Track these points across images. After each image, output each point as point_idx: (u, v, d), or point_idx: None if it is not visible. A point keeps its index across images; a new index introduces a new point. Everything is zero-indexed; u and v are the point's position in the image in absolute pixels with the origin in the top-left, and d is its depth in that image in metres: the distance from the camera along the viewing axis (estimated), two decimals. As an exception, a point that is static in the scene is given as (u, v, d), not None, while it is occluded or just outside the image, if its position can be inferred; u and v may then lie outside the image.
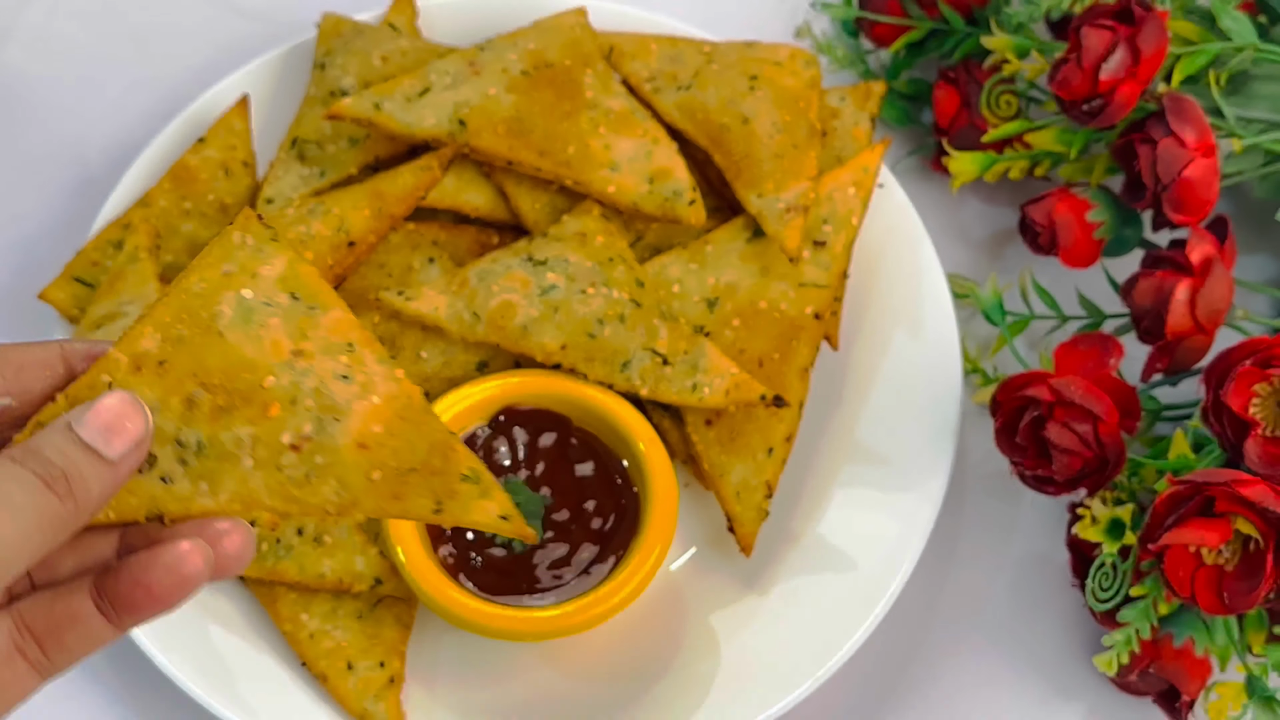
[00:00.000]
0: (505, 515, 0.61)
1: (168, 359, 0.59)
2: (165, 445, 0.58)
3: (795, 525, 0.91)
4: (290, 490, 0.59)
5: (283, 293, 0.60)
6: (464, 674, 0.88)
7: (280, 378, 0.59)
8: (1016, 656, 0.92)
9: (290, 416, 0.59)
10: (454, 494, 0.61)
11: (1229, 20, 0.91)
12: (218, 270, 0.60)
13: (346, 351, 0.61)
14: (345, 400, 0.59)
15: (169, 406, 0.58)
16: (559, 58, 0.95)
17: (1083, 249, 0.92)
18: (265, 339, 0.59)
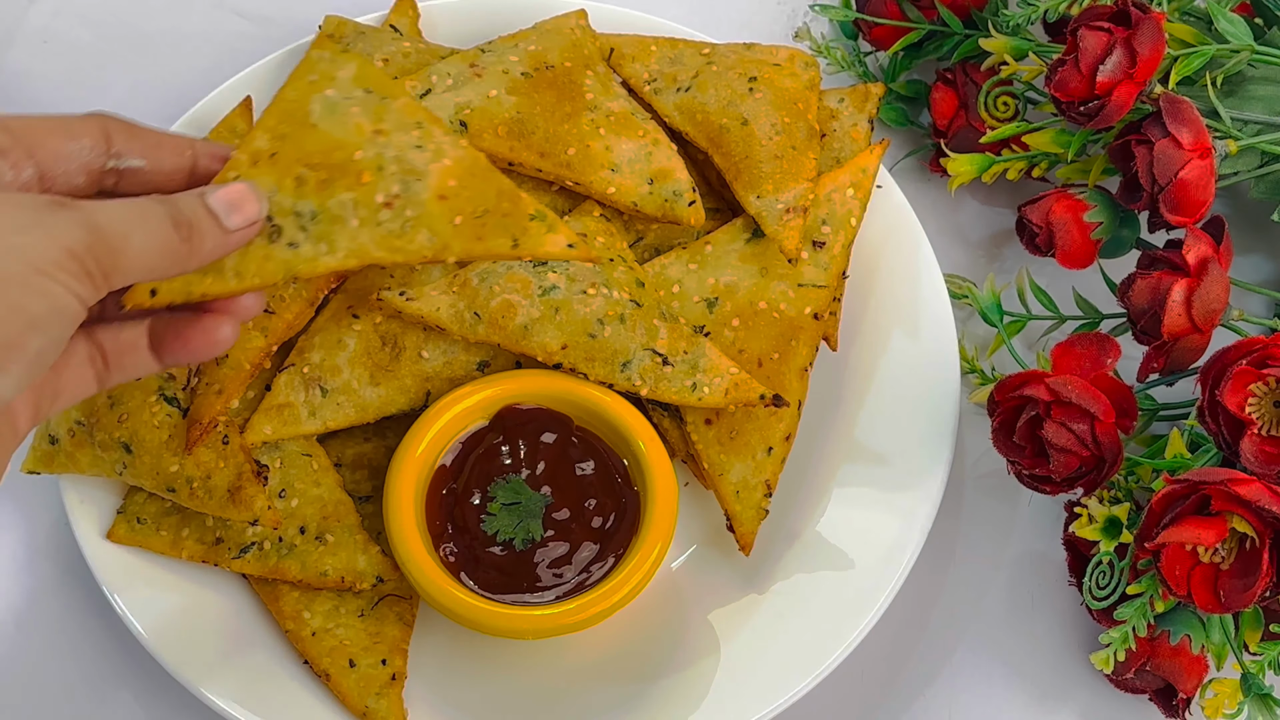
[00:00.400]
0: (572, 243, 0.75)
1: (277, 151, 0.73)
2: (286, 216, 0.72)
3: (794, 524, 0.92)
4: (392, 241, 0.72)
5: (358, 89, 0.74)
6: (465, 672, 0.88)
7: (367, 151, 0.73)
8: (1014, 654, 0.92)
9: (380, 180, 0.72)
10: (525, 231, 0.74)
11: (1225, 22, 0.92)
12: (305, 80, 0.75)
13: (417, 128, 0.74)
14: (422, 164, 0.73)
15: (284, 187, 0.72)
16: (560, 59, 0.95)
17: (1080, 249, 0.92)
18: (350, 123, 0.74)
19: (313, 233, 0.72)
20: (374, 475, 0.91)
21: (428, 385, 0.89)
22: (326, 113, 0.74)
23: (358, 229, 0.72)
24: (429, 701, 0.87)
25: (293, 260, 0.72)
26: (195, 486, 0.85)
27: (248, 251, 0.72)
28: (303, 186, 0.72)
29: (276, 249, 0.72)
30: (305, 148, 0.73)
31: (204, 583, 0.88)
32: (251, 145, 0.74)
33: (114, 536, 0.88)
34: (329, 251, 0.72)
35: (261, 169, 0.73)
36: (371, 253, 0.72)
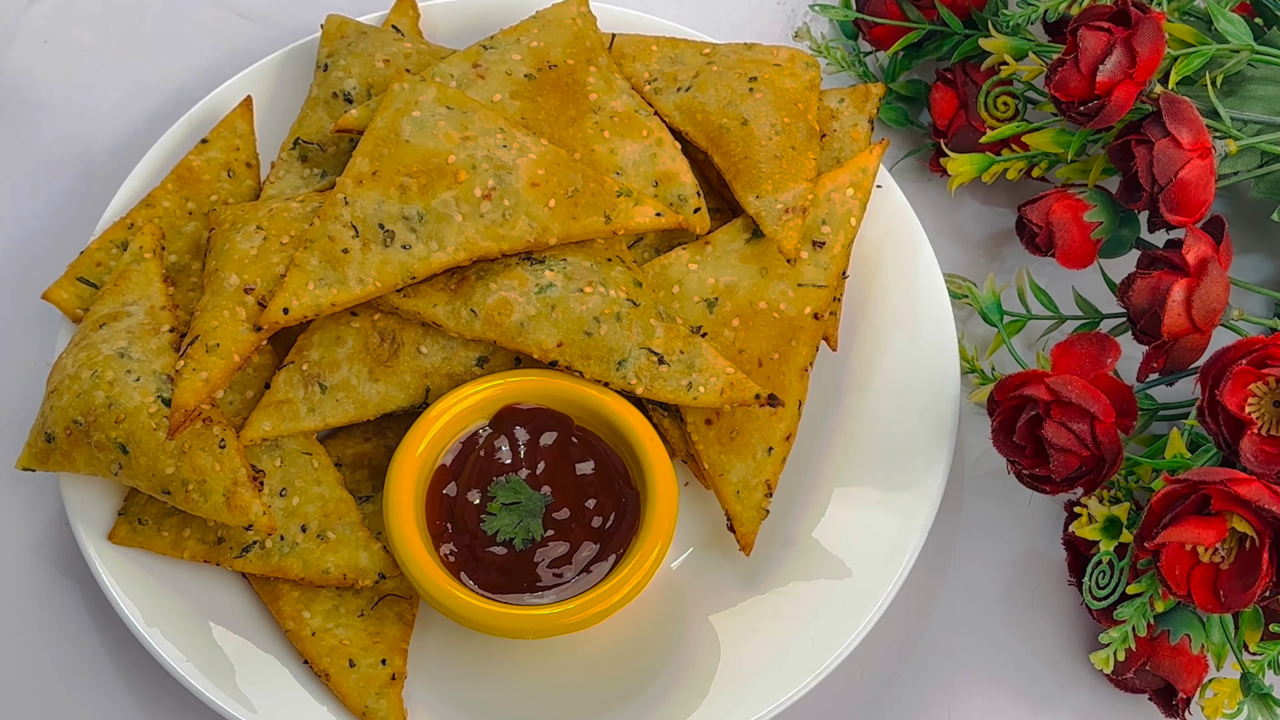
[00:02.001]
0: (660, 212, 0.88)
1: (378, 169, 0.85)
2: (396, 222, 0.83)
3: (794, 523, 0.91)
4: (496, 230, 0.83)
5: (440, 107, 0.86)
6: (465, 671, 0.88)
7: (458, 155, 0.84)
8: (1014, 653, 0.92)
9: (475, 177, 0.83)
10: (615, 206, 0.86)
11: (1225, 22, 0.92)
12: (391, 110, 0.87)
13: (500, 131, 0.85)
14: (510, 159, 0.84)
15: (390, 196, 0.84)
16: (562, 57, 0.95)
17: (1080, 249, 0.92)
18: (439, 135, 0.85)
19: (423, 233, 0.83)
20: (374, 475, 0.91)
21: (427, 381, 0.89)
22: (416, 130, 0.85)
23: (463, 223, 0.83)
24: (429, 701, 0.87)
25: (408, 260, 0.83)
26: (190, 490, 0.85)
27: (367, 259, 0.83)
28: (406, 193, 0.84)
29: (393, 252, 0.83)
30: (403, 160, 0.84)
31: (204, 582, 0.88)
32: (354, 169, 0.85)
33: (116, 538, 0.88)
34: (440, 248, 0.83)
35: (366, 187, 0.85)
36: (479, 244, 0.83)
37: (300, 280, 0.84)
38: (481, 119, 0.85)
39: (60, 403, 0.86)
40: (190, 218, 0.95)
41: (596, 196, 0.83)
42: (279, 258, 0.87)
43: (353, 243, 0.84)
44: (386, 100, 0.85)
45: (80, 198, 1.03)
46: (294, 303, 0.84)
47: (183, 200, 0.96)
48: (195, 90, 1.01)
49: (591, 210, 0.83)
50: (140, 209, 0.95)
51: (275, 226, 0.89)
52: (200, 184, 0.96)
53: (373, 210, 0.84)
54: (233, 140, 0.97)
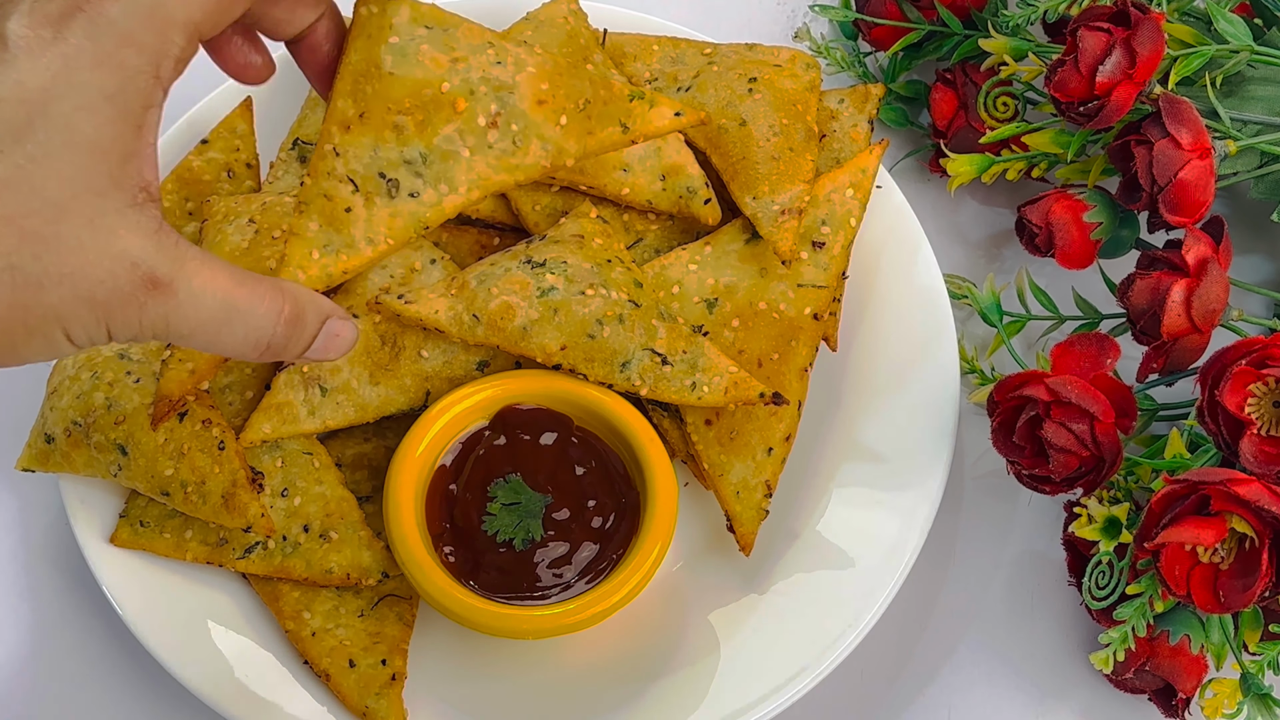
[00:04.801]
0: (679, 111, 0.77)
1: (365, 109, 0.72)
2: (398, 168, 0.72)
3: (794, 524, 0.92)
4: (508, 160, 0.73)
5: (419, 27, 0.72)
6: (465, 672, 0.88)
7: (452, 80, 0.72)
8: (1013, 654, 0.92)
9: (476, 103, 0.72)
10: (630, 113, 0.76)
11: (1224, 23, 0.92)
12: (364, 39, 0.73)
13: (489, 47, 0.73)
14: (509, 77, 0.73)
15: (385, 139, 0.72)
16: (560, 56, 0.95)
17: (1079, 250, 0.92)
18: (425, 61, 0.72)
19: (429, 175, 0.72)
20: (374, 475, 0.91)
21: (427, 385, 0.89)
22: (399, 58, 0.72)
23: (471, 158, 0.72)
24: (429, 702, 0.87)
25: (419, 210, 0.73)
26: (189, 491, 0.85)
27: (373, 215, 0.72)
28: (403, 134, 0.72)
29: (400, 203, 0.72)
30: (392, 95, 0.72)
31: (204, 582, 0.88)
32: (336, 115, 0.72)
33: (117, 540, 0.88)
34: (451, 190, 0.73)
35: (355, 133, 0.72)
36: (493, 178, 0.73)
37: (303, 250, 0.74)
38: (466, 34, 0.73)
39: (60, 404, 0.87)
40: (190, 218, 0.95)
41: (609, 104, 0.74)
42: (270, 251, 0.87)
43: (354, 198, 0.73)
44: (355, 28, 0.73)
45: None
46: (300, 276, 0.75)
47: (183, 201, 0.96)
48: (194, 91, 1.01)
49: (606, 120, 0.74)
50: (140, 209, 0.95)
51: (268, 220, 0.89)
52: (200, 184, 0.96)
53: (369, 158, 0.73)
54: (233, 141, 0.97)
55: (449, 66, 0.72)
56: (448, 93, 0.72)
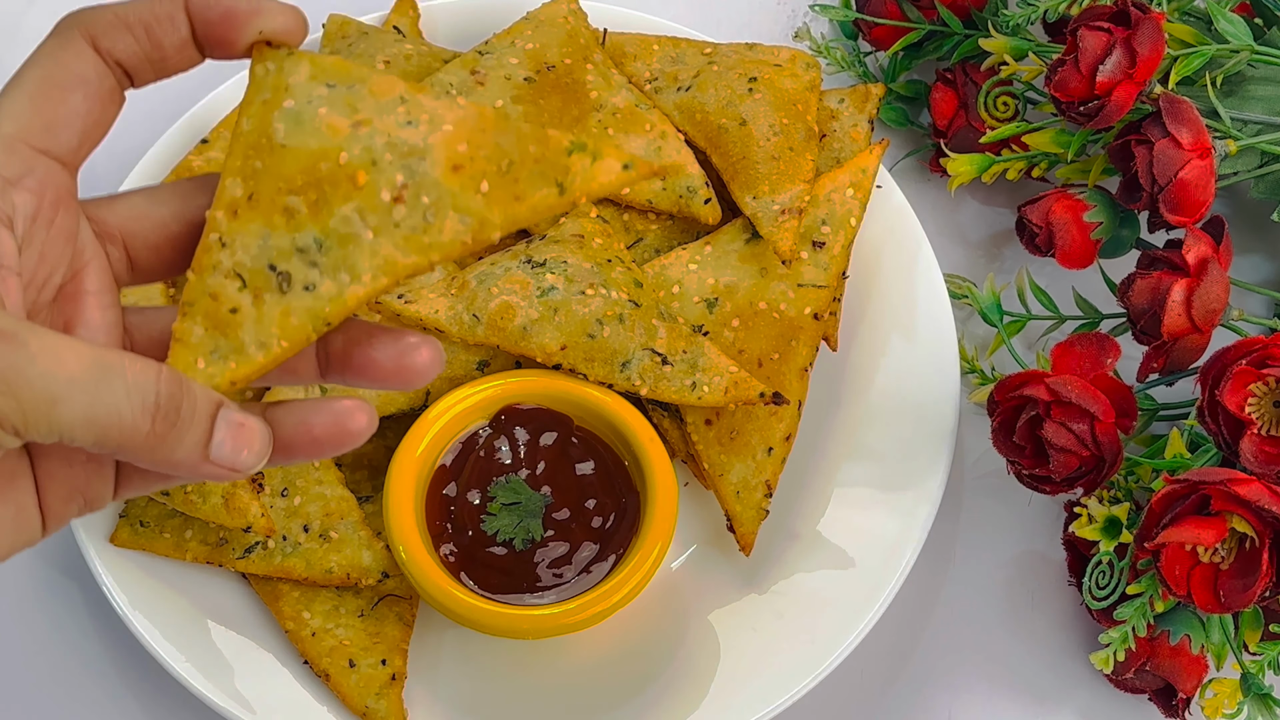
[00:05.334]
0: (628, 163, 0.60)
1: (254, 191, 0.60)
2: (290, 259, 0.60)
3: (795, 524, 0.92)
4: (420, 240, 0.60)
5: (319, 85, 0.61)
6: (465, 672, 0.88)
7: (351, 149, 0.60)
8: (1013, 654, 0.92)
9: (378, 175, 0.59)
10: (567, 170, 0.60)
11: (1225, 22, 0.92)
12: (257, 103, 0.61)
13: (400, 104, 0.61)
14: (420, 139, 0.60)
15: (275, 226, 0.60)
16: (559, 56, 0.95)
17: (1079, 249, 0.92)
18: (322, 127, 0.60)
19: (326, 264, 0.60)
20: (374, 475, 0.91)
21: (427, 385, 0.89)
22: (293, 126, 0.60)
23: (375, 240, 0.60)
24: (429, 702, 0.87)
25: (316, 306, 0.60)
26: (189, 491, 0.85)
27: (263, 314, 0.60)
28: (295, 217, 0.60)
29: (293, 299, 0.60)
30: (284, 172, 0.60)
31: (204, 583, 0.88)
32: (224, 197, 0.61)
33: (118, 541, 0.88)
34: (354, 280, 0.60)
35: (243, 218, 0.60)
36: (402, 262, 0.60)
37: (187, 358, 0.60)
38: (376, 89, 0.61)
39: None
40: (190, 218, 0.95)
41: (540, 163, 0.59)
42: None
43: (240, 296, 0.60)
44: (250, 90, 0.62)
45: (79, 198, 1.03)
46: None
47: (182, 200, 0.95)
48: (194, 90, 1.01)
49: (538, 182, 0.59)
50: (140, 209, 0.95)
51: None
52: (200, 184, 0.96)
53: (258, 248, 0.60)
54: (232, 141, 0.97)
55: (349, 133, 0.60)
56: (346, 164, 0.60)
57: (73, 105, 0.59)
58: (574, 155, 0.60)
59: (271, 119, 0.61)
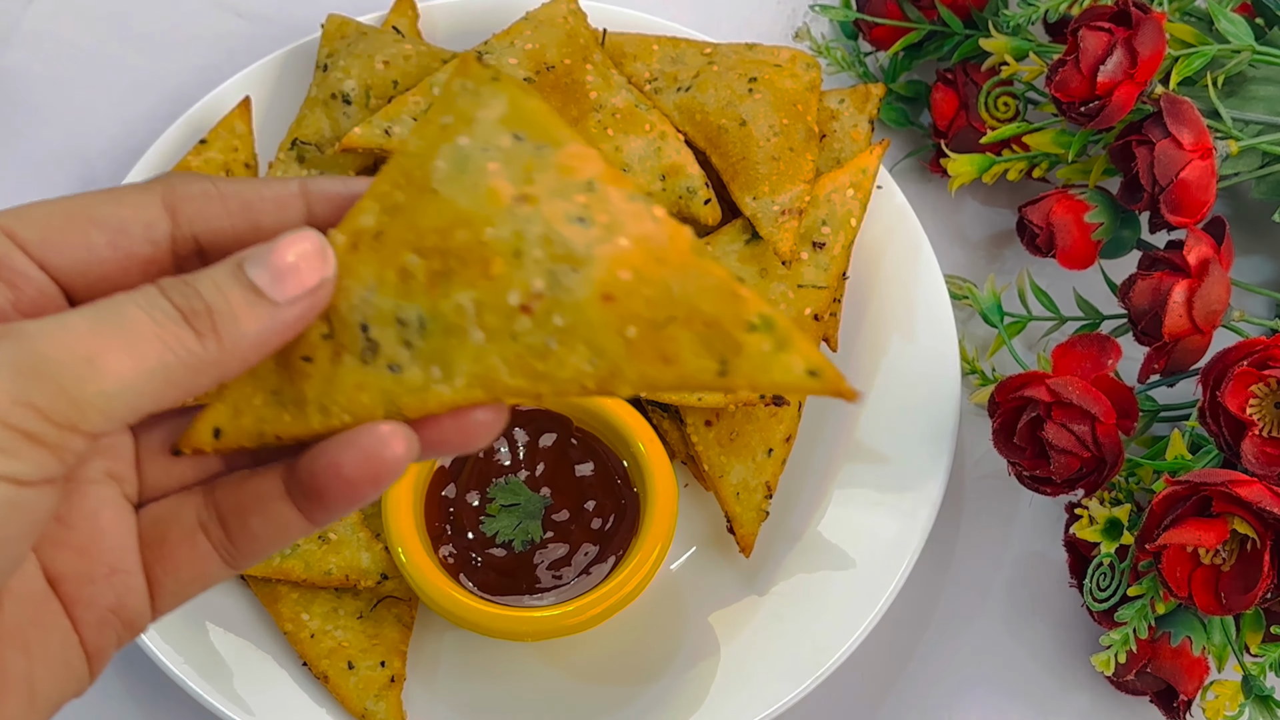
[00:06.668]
0: (813, 370, 0.49)
1: (384, 230, 0.51)
2: (387, 327, 0.51)
3: (795, 525, 0.91)
4: (532, 364, 0.50)
5: (505, 133, 0.51)
6: (465, 673, 0.88)
7: (500, 228, 0.50)
8: (1014, 656, 0.92)
9: (515, 272, 0.49)
10: (740, 348, 0.49)
11: (1226, 23, 0.92)
12: (436, 124, 0.52)
13: (584, 191, 0.50)
14: (583, 246, 0.49)
15: (385, 282, 0.51)
16: (559, 57, 0.95)
17: (1080, 250, 0.92)
18: (482, 187, 0.50)
19: (421, 349, 0.50)
20: (373, 476, 0.91)
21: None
22: (454, 171, 0.51)
23: (484, 345, 0.50)
24: (428, 704, 0.87)
25: (394, 389, 0.51)
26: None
27: (336, 375, 0.51)
28: (408, 283, 0.50)
29: (372, 373, 0.51)
30: (419, 224, 0.51)
31: (202, 584, 0.88)
32: (355, 221, 0.52)
33: (113, 538, 0.87)
34: (443, 378, 0.50)
35: (362, 255, 0.51)
36: (503, 380, 0.50)
37: (245, 385, 0.53)
38: (563, 163, 0.50)
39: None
40: (188, 218, 0.95)
41: (712, 327, 0.48)
42: None
43: (321, 346, 0.52)
44: (437, 105, 0.52)
45: (78, 198, 1.03)
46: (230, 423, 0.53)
47: (181, 201, 0.95)
48: (193, 91, 1.01)
49: (698, 350, 0.49)
50: (138, 210, 0.95)
51: None
52: (198, 185, 0.96)
53: (359, 299, 0.51)
54: (231, 141, 0.97)
55: (507, 207, 0.50)
56: (487, 243, 0.50)
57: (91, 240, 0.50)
58: (755, 334, 0.49)
59: (438, 151, 0.51)
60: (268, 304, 0.48)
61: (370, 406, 0.51)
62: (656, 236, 0.49)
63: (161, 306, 0.47)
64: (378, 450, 0.50)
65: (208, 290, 0.48)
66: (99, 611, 0.51)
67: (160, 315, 0.47)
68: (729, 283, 0.49)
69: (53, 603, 0.51)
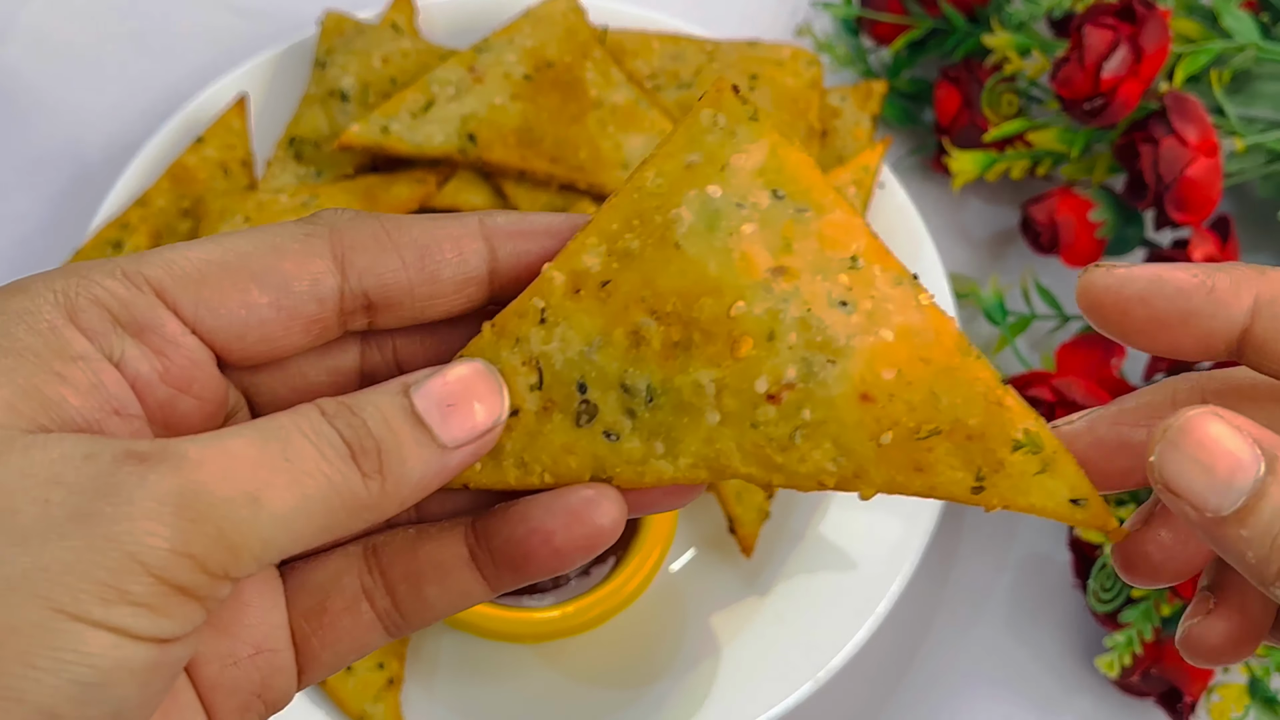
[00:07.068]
0: (1078, 498, 0.48)
1: (613, 279, 0.46)
2: (610, 392, 0.47)
3: (796, 526, 0.91)
4: (770, 455, 0.46)
5: (762, 189, 0.47)
6: (463, 676, 0.88)
7: (753, 304, 0.46)
8: (1017, 657, 0.92)
9: (767, 357, 0.46)
10: (1001, 467, 0.47)
11: (1231, 19, 0.91)
12: (680, 161, 0.47)
13: (847, 269, 0.46)
14: (844, 336, 0.46)
15: (612, 342, 0.47)
16: (558, 54, 0.95)
17: (1084, 248, 0.92)
18: (735, 252, 0.46)
19: (646, 422, 0.46)
20: (371, 477, 0.90)
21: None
22: (702, 226, 0.46)
23: (718, 427, 0.46)
24: (426, 706, 0.86)
25: (608, 458, 0.47)
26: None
27: (543, 432, 0.47)
28: (640, 348, 0.46)
29: (586, 437, 0.47)
30: (655, 283, 0.46)
31: (199, 585, 0.88)
32: (577, 260, 0.47)
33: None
34: (666, 455, 0.47)
35: (584, 303, 0.46)
36: (734, 466, 0.46)
37: None
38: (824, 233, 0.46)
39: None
40: (185, 217, 0.95)
41: (974, 440, 0.46)
42: None
43: (528, 398, 0.47)
44: (680, 133, 0.47)
45: (74, 197, 1.02)
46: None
47: (178, 199, 0.95)
48: (190, 88, 1.01)
49: (955, 463, 0.46)
50: (135, 208, 0.95)
51: (262, 219, 0.89)
52: (195, 183, 0.95)
53: (578, 354, 0.47)
54: (228, 138, 0.97)
55: (761, 281, 0.45)
56: (736, 319, 0.45)
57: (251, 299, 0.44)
58: (1020, 453, 0.47)
59: (682, 197, 0.46)
60: (436, 447, 0.44)
61: (578, 471, 0.47)
62: (923, 331, 0.46)
63: (329, 439, 0.42)
64: (591, 517, 0.46)
65: (376, 424, 0.43)
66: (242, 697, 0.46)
67: (328, 449, 0.42)
68: (996, 390, 0.46)
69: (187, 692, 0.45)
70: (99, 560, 0.38)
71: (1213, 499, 0.44)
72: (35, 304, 0.42)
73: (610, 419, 0.47)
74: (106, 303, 0.43)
